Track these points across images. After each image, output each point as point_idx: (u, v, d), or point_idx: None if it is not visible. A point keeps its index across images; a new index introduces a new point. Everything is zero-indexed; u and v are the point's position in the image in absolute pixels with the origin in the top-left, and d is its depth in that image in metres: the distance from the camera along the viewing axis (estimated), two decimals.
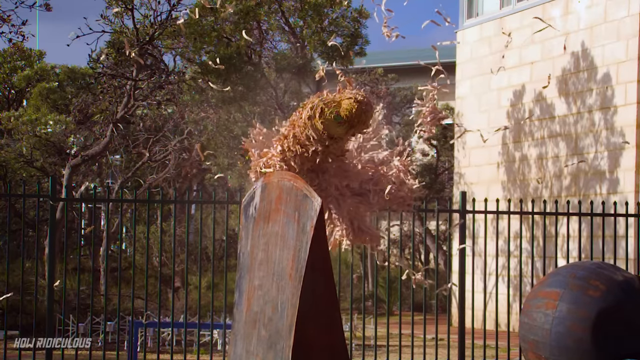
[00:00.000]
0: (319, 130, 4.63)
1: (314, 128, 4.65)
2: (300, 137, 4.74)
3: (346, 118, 4.60)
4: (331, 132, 4.64)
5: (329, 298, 4.14)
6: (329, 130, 4.63)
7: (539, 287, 2.59)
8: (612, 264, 2.60)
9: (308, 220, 4.05)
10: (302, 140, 4.73)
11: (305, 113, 4.69)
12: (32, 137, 18.93)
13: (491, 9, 20.49)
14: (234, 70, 18.78)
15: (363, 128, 4.76)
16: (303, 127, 4.72)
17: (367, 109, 4.67)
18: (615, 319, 2.46)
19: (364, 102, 4.66)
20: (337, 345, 4.16)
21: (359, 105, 4.63)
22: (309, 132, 4.68)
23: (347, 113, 4.61)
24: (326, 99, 4.71)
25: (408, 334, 12.57)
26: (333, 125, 4.62)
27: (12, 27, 17.22)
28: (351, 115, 4.61)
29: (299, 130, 4.75)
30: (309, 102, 4.77)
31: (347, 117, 4.61)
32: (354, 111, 4.61)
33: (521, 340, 2.62)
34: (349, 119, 4.60)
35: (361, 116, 4.63)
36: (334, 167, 4.93)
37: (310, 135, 4.67)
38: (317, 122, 4.64)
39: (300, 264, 4.02)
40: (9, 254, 13.55)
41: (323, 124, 4.63)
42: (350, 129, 4.67)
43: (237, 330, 4.51)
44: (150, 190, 15.73)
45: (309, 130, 4.67)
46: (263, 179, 4.59)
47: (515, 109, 19.55)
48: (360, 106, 4.63)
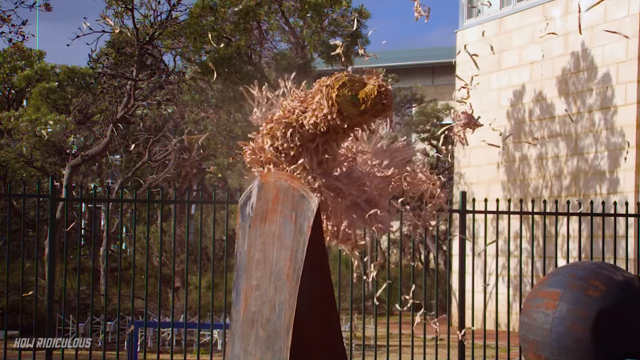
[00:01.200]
0: (331, 100, 4.52)
1: (328, 96, 4.53)
2: (303, 107, 4.65)
3: (362, 101, 4.50)
4: (342, 108, 4.51)
5: (327, 298, 4.13)
6: (341, 106, 4.51)
7: (539, 287, 2.59)
8: (612, 264, 2.60)
9: (305, 221, 4.05)
10: (306, 110, 4.63)
11: (326, 81, 4.58)
12: (32, 137, 18.93)
13: (491, 9, 20.49)
14: (234, 70, 18.78)
15: (372, 119, 4.65)
16: (317, 92, 4.60)
17: (386, 103, 4.56)
18: (615, 319, 2.46)
19: (385, 94, 4.56)
20: (335, 346, 4.16)
21: (379, 94, 4.53)
22: (320, 98, 4.57)
23: (365, 96, 4.51)
24: (352, 76, 4.60)
25: (408, 334, 12.57)
26: (346, 103, 4.50)
27: (12, 27, 17.23)
28: (368, 100, 4.50)
29: (305, 103, 4.64)
30: (335, 75, 4.65)
31: (363, 100, 4.50)
32: (372, 97, 4.51)
33: (521, 340, 2.62)
34: (364, 103, 4.50)
35: (377, 106, 4.53)
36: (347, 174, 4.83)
37: (320, 102, 4.57)
38: (333, 93, 4.53)
39: (297, 264, 4.02)
40: (9, 254, 13.54)
41: (337, 97, 4.51)
42: (361, 114, 4.55)
43: (235, 330, 4.51)
44: (150, 190, 15.73)
45: (322, 97, 4.55)
46: (259, 179, 4.57)
47: (515, 109, 19.55)
48: (380, 96, 4.53)
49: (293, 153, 4.64)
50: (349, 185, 4.80)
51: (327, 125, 4.61)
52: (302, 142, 4.65)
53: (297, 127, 4.65)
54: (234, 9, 17.32)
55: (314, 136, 4.68)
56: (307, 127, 4.62)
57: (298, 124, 4.66)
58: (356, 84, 4.57)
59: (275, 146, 4.67)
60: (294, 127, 4.66)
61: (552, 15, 18.69)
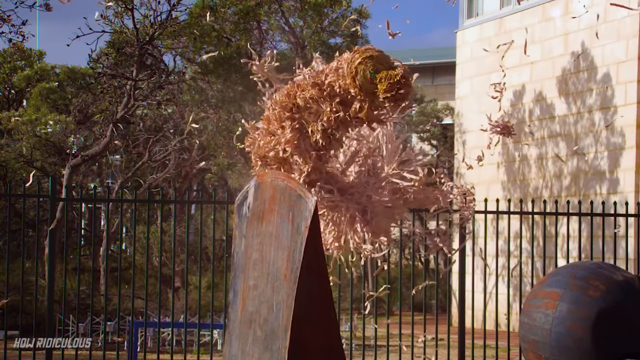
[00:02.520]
0: (352, 65, 4.33)
1: (351, 61, 4.36)
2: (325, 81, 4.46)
3: (378, 79, 4.31)
4: (358, 79, 4.34)
5: (325, 298, 4.13)
6: (358, 76, 4.34)
7: (539, 287, 2.59)
8: (612, 264, 2.60)
9: (302, 221, 4.04)
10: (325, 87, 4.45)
11: (359, 48, 4.41)
12: (32, 137, 18.93)
13: (491, 9, 20.49)
14: (234, 70, 18.78)
15: (384, 103, 4.41)
16: (341, 61, 4.42)
17: (402, 93, 4.34)
18: (615, 319, 2.46)
19: (405, 84, 4.36)
20: (333, 346, 4.16)
21: (398, 82, 4.32)
22: (340, 64, 4.40)
23: (383, 77, 4.32)
24: (383, 55, 4.42)
25: (408, 334, 12.57)
26: (364, 75, 4.33)
27: (12, 27, 17.23)
28: (384, 81, 4.30)
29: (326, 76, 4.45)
30: (370, 46, 4.47)
31: (380, 79, 4.31)
32: (389, 80, 4.31)
33: (521, 340, 2.62)
34: (380, 82, 4.31)
35: (391, 90, 4.31)
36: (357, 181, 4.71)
37: (340, 68, 4.38)
38: (357, 59, 4.37)
39: (295, 264, 4.02)
40: (9, 254, 13.54)
41: (359, 65, 4.34)
42: (373, 94, 4.35)
43: (232, 330, 4.52)
44: (150, 190, 15.73)
45: (346, 61, 4.37)
46: (256, 178, 4.55)
47: (515, 109, 19.55)
48: (398, 83, 4.32)
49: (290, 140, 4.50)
50: (349, 199, 4.66)
51: (340, 104, 4.42)
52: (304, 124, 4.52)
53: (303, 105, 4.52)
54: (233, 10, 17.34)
55: (317, 115, 4.51)
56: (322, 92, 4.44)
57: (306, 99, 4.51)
58: (382, 63, 4.37)
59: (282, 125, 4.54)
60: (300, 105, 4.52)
61: (552, 15, 18.70)
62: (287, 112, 4.59)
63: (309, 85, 4.58)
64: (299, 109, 4.59)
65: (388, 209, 4.77)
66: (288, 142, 4.52)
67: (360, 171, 4.87)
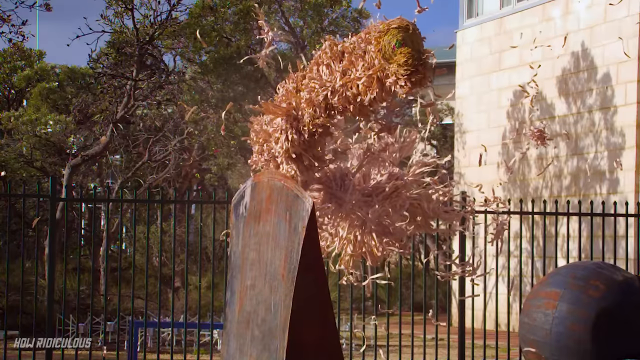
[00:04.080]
0: (382, 33, 4.16)
1: (384, 27, 4.17)
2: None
3: (399, 50, 4.11)
4: (382, 46, 4.16)
5: (323, 298, 4.13)
6: (383, 43, 4.16)
7: (539, 287, 2.59)
8: (612, 264, 2.60)
9: (300, 221, 4.04)
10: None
11: (392, 21, 4.21)
12: (32, 137, 18.94)
13: (491, 9, 20.49)
14: (234, 70, 18.78)
15: (402, 80, 4.16)
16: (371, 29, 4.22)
17: (419, 71, 4.11)
18: (615, 319, 2.46)
19: (425, 65, 4.16)
20: (331, 346, 4.16)
21: (419, 59, 4.12)
22: (365, 33, 4.21)
23: (406, 48, 4.12)
24: (417, 33, 4.20)
25: (408, 334, 12.57)
26: (388, 43, 4.15)
27: (12, 27, 17.24)
28: (405, 52, 4.10)
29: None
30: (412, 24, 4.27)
31: (402, 50, 4.11)
32: (411, 54, 4.11)
33: (521, 340, 2.62)
34: (400, 53, 4.11)
35: (407, 63, 4.10)
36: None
37: (362, 37, 4.22)
38: (388, 26, 4.17)
39: (292, 264, 4.02)
40: (9, 254, 13.55)
41: (389, 33, 4.15)
42: (388, 63, 4.15)
43: (230, 330, 4.52)
44: (150, 190, 15.73)
45: (371, 31, 4.19)
46: (252, 178, 4.55)
47: (515, 109, 19.55)
48: (419, 60, 4.12)
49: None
50: (361, 204, 4.52)
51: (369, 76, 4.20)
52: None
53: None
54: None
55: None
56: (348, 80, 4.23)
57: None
58: (413, 42, 4.16)
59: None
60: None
61: (552, 15, 18.69)
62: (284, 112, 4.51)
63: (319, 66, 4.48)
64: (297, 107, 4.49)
65: (400, 224, 4.65)
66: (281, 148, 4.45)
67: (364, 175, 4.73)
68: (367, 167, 4.73)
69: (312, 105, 4.40)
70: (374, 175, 4.75)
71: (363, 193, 4.60)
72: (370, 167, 4.75)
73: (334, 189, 4.60)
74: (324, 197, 4.59)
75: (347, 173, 4.69)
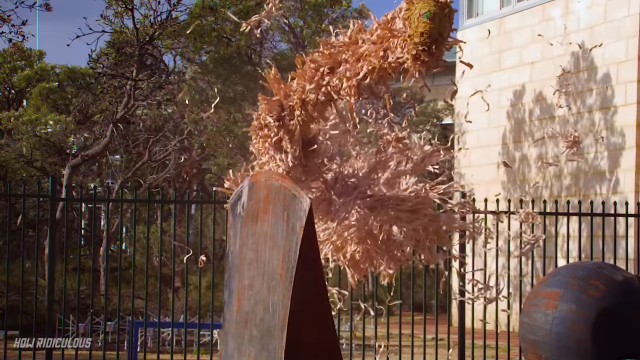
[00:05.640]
0: (417, 6, 4.06)
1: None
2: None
3: (426, 22, 4.01)
4: (411, 14, 4.07)
5: (321, 298, 4.13)
6: (414, 9, 4.07)
7: (539, 287, 2.59)
8: (612, 264, 2.60)
9: (297, 221, 4.03)
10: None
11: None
12: (32, 137, 18.94)
13: (491, 9, 20.49)
14: (234, 70, 18.79)
15: (411, 48, 4.07)
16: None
17: (436, 51, 4.03)
18: (616, 319, 2.46)
19: (438, 52, 4.05)
20: (330, 345, 4.16)
21: (436, 38, 4.01)
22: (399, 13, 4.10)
23: (434, 26, 4.03)
24: (447, 14, 4.10)
25: (408, 334, 12.57)
26: (416, 11, 4.05)
27: (12, 27, 17.25)
28: (432, 28, 4.00)
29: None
30: None
31: (426, 23, 4.01)
32: (433, 35, 4.00)
33: (521, 340, 2.62)
34: (426, 22, 4.01)
35: (429, 35, 3.99)
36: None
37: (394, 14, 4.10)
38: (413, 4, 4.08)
39: (290, 264, 4.02)
40: (9, 254, 13.55)
41: (422, 3, 4.06)
42: (413, 30, 4.05)
43: (228, 330, 4.52)
44: (150, 190, 15.74)
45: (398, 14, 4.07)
46: (250, 178, 4.54)
47: (515, 109, 19.55)
48: (436, 42, 4.01)
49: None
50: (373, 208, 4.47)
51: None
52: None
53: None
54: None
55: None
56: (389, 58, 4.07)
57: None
58: (442, 20, 4.06)
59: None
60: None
61: (552, 15, 18.69)
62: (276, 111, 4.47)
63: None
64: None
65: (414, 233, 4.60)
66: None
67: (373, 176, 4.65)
68: (387, 172, 4.68)
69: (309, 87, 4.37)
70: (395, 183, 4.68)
71: (367, 201, 4.57)
72: (384, 172, 4.71)
73: (327, 189, 4.58)
74: (315, 198, 4.57)
75: (352, 177, 4.66)
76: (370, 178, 4.69)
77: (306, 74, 4.40)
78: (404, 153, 4.76)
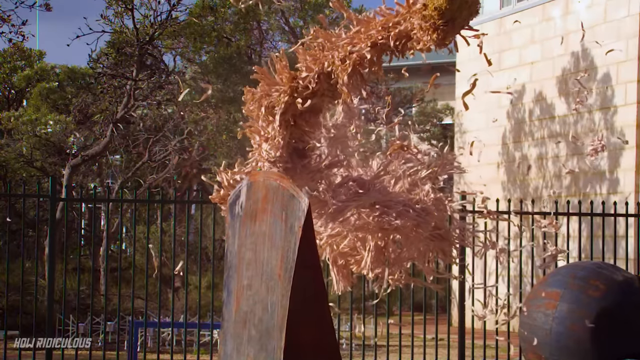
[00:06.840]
0: None
1: None
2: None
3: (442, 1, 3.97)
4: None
5: (320, 298, 4.13)
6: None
7: (539, 287, 2.59)
8: (612, 264, 2.59)
9: (296, 221, 4.03)
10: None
11: None
12: (32, 137, 18.93)
13: (491, 9, 20.48)
14: (234, 70, 18.78)
15: (423, 21, 4.07)
16: None
17: (446, 30, 4.01)
18: (615, 319, 2.45)
19: (452, 29, 4.06)
20: (329, 345, 4.15)
21: (451, 16, 3.98)
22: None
23: (450, 6, 4.04)
24: (463, 3, 4.10)
25: (408, 334, 12.57)
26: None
27: (12, 27, 17.24)
28: (447, 6, 4.03)
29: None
30: None
31: (444, 2, 3.99)
32: (447, 13, 4.02)
33: (521, 340, 2.61)
34: (439, 2, 4.03)
35: (443, 15, 4.01)
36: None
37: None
38: None
39: (289, 264, 4.01)
40: (9, 254, 13.55)
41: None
42: (430, 4, 4.06)
43: (227, 329, 4.52)
44: (150, 190, 15.72)
45: None
46: (248, 178, 4.54)
47: (515, 109, 19.54)
48: (450, 20, 3.99)
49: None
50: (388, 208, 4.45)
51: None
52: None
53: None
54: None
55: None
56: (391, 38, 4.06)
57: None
58: (461, 4, 4.10)
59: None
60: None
61: (552, 15, 18.69)
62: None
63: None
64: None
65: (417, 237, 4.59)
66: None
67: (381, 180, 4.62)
68: (400, 181, 4.66)
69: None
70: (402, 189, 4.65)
71: (369, 205, 4.55)
72: (395, 180, 4.70)
73: (327, 191, 4.57)
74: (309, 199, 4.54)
75: (355, 180, 4.65)
76: (376, 183, 4.69)
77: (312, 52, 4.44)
78: (414, 160, 4.77)
